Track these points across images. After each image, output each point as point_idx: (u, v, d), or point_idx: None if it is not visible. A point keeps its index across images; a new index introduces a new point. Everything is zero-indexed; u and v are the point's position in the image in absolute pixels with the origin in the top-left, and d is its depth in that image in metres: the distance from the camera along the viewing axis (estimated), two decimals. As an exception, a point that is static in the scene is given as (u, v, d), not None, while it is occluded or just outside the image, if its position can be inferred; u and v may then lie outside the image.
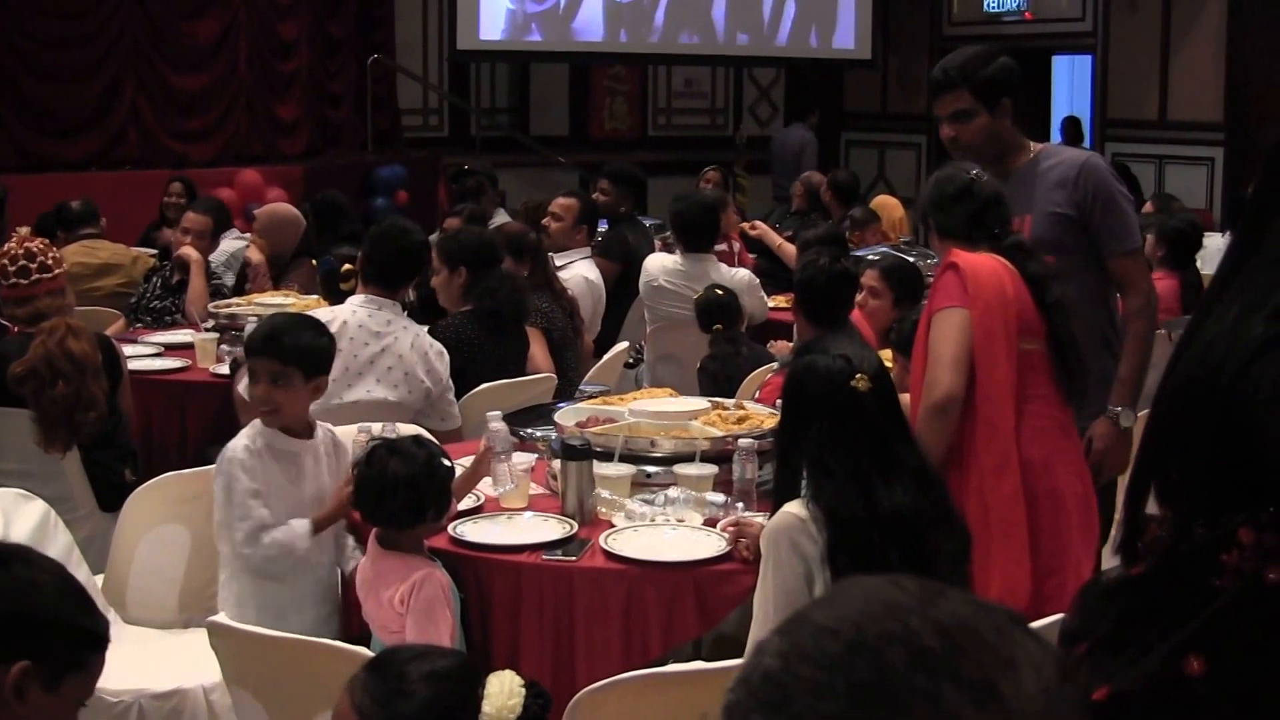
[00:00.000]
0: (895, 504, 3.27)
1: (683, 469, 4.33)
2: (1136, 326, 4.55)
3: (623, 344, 7.48)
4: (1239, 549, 2.21)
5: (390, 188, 13.56)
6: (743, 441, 4.27)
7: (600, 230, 8.74)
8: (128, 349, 6.29)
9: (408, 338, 5.47)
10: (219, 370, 6.45)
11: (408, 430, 4.62)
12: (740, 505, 4.16)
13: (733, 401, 5.02)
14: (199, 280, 7.45)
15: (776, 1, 15.99)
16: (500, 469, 4.35)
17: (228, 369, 6.24)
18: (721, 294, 6.68)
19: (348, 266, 6.10)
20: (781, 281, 8.74)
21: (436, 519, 3.82)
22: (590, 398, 5.15)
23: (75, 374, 5.09)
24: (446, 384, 5.56)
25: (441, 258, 6.08)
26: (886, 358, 5.05)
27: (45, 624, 2.48)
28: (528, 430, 4.71)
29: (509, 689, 2.48)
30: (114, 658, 2.50)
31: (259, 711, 3.58)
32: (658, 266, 7.86)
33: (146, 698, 4.15)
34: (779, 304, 8.31)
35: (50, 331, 5.12)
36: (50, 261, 5.34)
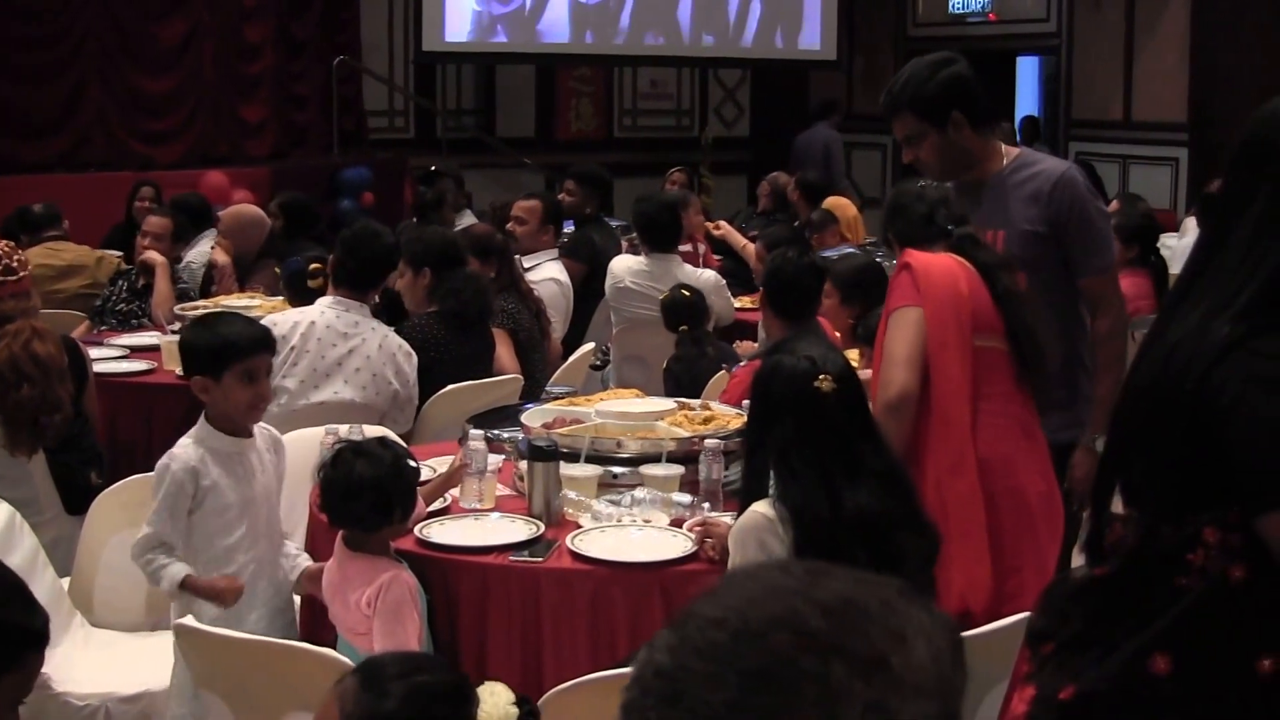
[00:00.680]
0: (859, 504, 3.29)
1: (649, 469, 4.33)
2: (1109, 349, 4.45)
3: (589, 345, 7.47)
4: (1204, 548, 2.22)
5: (356, 189, 13.49)
6: (709, 442, 4.28)
7: (566, 231, 8.74)
8: (94, 351, 6.26)
9: (376, 339, 5.47)
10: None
11: (374, 432, 4.61)
12: (706, 505, 4.17)
13: (698, 402, 5.02)
14: (164, 283, 7.42)
15: (742, 2, 16.00)
16: (471, 485, 4.34)
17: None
18: (687, 294, 6.65)
19: (315, 266, 6.09)
20: (747, 282, 8.76)
21: (403, 521, 3.81)
22: (557, 398, 5.15)
23: (40, 377, 5.05)
24: (413, 386, 5.56)
25: (406, 259, 6.08)
26: (853, 357, 5.08)
27: None
28: (494, 431, 4.71)
29: (503, 710, 2.47)
30: (81, 661, 2.48)
31: (226, 713, 3.57)
32: (623, 268, 7.86)
33: (114, 700, 4.14)
34: (745, 305, 8.31)
35: (15, 334, 5.08)
36: (15, 264, 5.31)
